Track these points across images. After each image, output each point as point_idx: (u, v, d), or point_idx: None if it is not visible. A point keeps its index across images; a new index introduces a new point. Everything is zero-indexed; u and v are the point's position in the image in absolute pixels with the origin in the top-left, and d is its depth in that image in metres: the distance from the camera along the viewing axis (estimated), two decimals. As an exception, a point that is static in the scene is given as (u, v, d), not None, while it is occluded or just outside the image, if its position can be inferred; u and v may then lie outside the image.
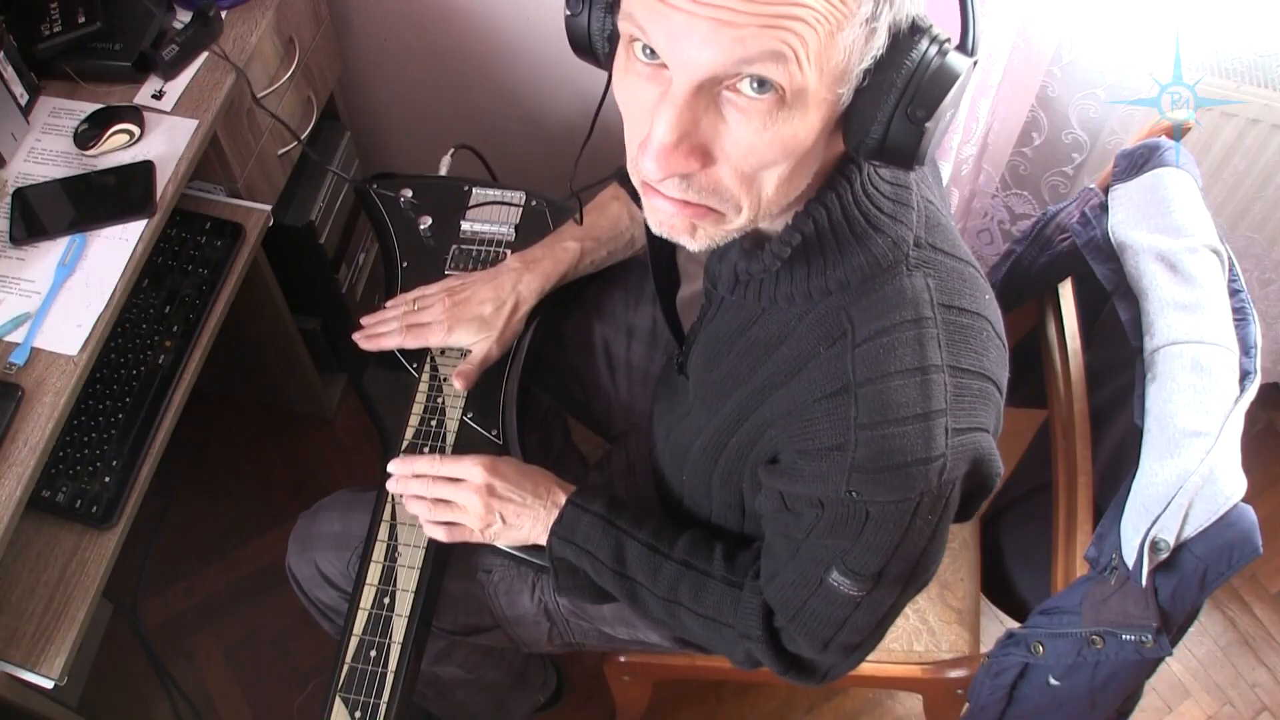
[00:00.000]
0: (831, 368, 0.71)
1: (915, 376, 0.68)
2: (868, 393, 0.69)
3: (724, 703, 1.59)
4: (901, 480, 0.69)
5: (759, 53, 0.55)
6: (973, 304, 0.73)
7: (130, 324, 1.23)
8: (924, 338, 0.69)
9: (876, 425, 0.68)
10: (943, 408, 0.69)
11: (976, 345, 0.72)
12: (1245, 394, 0.85)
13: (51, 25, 1.19)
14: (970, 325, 0.72)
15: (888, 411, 0.68)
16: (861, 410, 0.69)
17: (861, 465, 0.69)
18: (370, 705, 0.93)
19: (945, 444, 0.69)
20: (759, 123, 0.58)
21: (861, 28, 0.56)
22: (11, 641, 1.06)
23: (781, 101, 0.57)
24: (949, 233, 0.75)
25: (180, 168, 1.16)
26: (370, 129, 1.78)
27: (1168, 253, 0.94)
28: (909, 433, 0.68)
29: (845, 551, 0.75)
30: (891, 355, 0.69)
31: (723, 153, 0.60)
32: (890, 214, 0.71)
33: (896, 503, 0.70)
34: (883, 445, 0.68)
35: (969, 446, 0.70)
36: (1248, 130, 1.32)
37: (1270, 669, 1.63)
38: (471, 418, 1.07)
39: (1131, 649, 0.88)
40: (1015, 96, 1.37)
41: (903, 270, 0.71)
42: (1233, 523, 0.80)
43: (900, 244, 0.71)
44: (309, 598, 1.13)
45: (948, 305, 0.71)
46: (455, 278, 1.13)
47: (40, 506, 1.11)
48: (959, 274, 0.73)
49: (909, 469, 0.69)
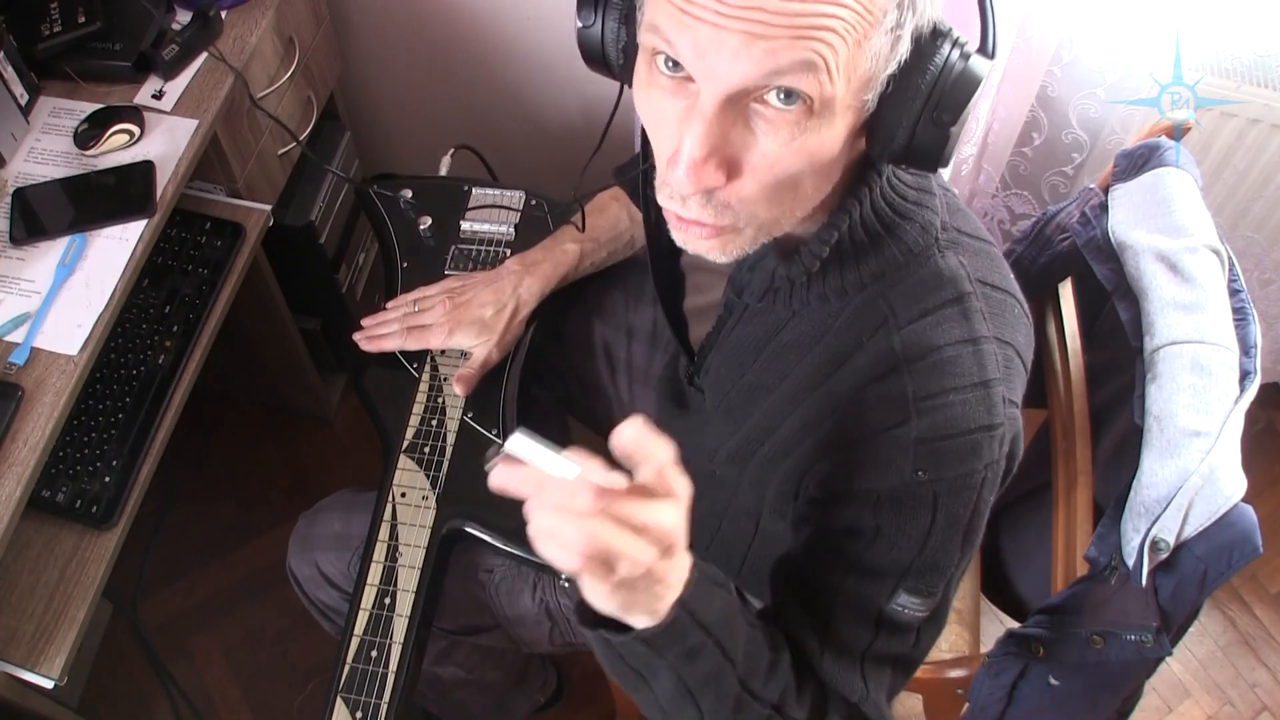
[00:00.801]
0: (878, 353, 0.70)
1: (968, 346, 0.68)
2: (921, 366, 0.68)
3: (724, 703, 1.59)
4: (969, 449, 0.67)
5: (790, 64, 0.54)
6: (1003, 282, 0.73)
7: (130, 324, 1.23)
8: (969, 311, 0.69)
9: (936, 395, 0.67)
10: (998, 376, 0.69)
11: (1011, 320, 0.72)
12: (1245, 394, 0.85)
13: (51, 25, 1.19)
14: (1004, 301, 0.72)
15: (946, 380, 0.68)
16: (918, 383, 0.68)
17: (925, 436, 0.67)
18: (371, 705, 0.93)
19: (1004, 413, 0.68)
20: (786, 134, 0.57)
21: (887, 35, 0.56)
22: (11, 641, 1.06)
23: (809, 112, 0.56)
24: (969, 217, 0.76)
25: (180, 168, 1.16)
26: (370, 129, 1.78)
27: (1168, 253, 0.94)
28: (970, 399, 0.67)
29: (914, 557, 0.71)
30: (939, 330, 0.69)
31: (749, 165, 0.59)
32: (915, 201, 0.71)
33: (964, 476, 0.68)
34: (946, 414, 0.67)
35: (1015, 421, 0.70)
36: (1248, 130, 1.32)
37: (1270, 669, 1.63)
38: (471, 417, 1.07)
39: (1131, 649, 0.88)
40: (1015, 96, 1.37)
41: (935, 252, 0.71)
42: (1233, 523, 0.80)
43: (929, 228, 0.71)
44: (310, 598, 1.14)
45: (983, 281, 0.71)
46: (455, 278, 1.13)
47: (40, 506, 1.11)
48: (986, 254, 0.74)
49: (974, 436, 0.67)
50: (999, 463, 0.70)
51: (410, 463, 1.04)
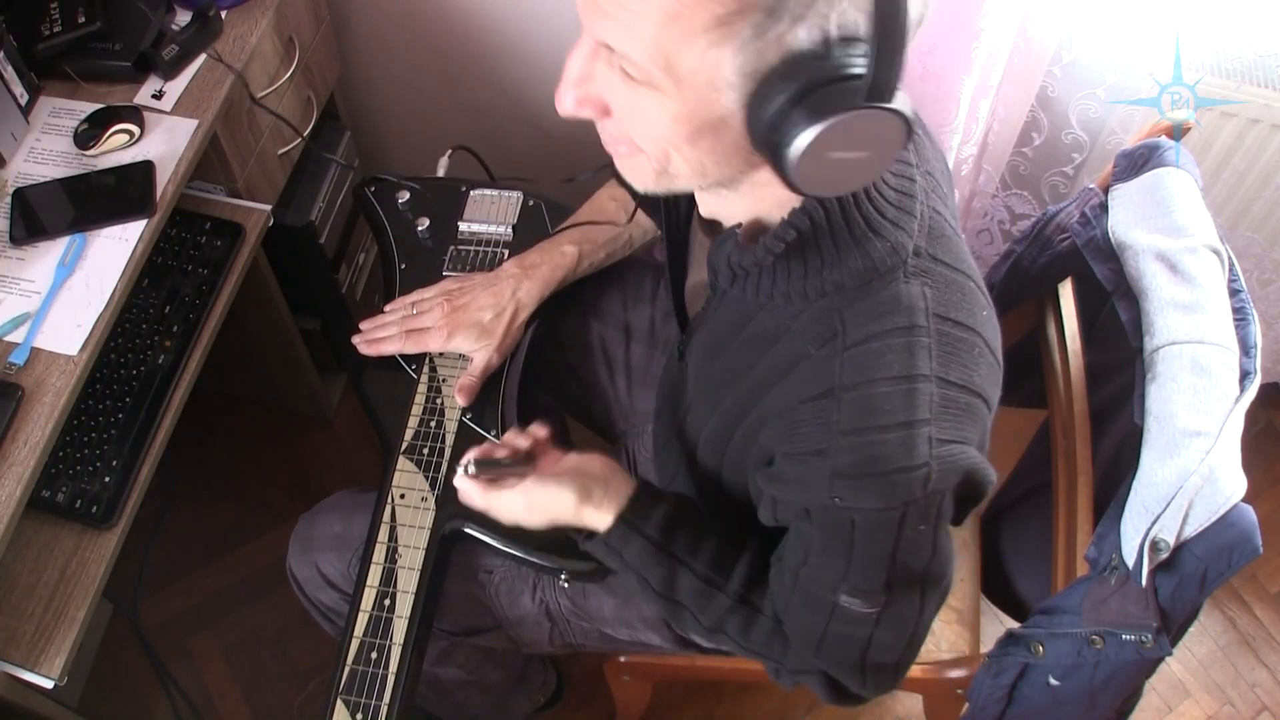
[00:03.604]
0: (820, 370, 0.71)
1: (901, 384, 0.68)
2: (852, 398, 0.69)
3: (724, 703, 1.59)
4: (884, 488, 0.69)
5: (602, 31, 0.61)
6: (968, 319, 0.72)
7: (130, 324, 1.23)
8: (915, 346, 0.69)
9: (859, 431, 0.68)
10: (926, 417, 0.68)
11: (968, 359, 0.71)
12: (1245, 394, 0.85)
13: (51, 25, 1.19)
14: (963, 339, 0.71)
15: (870, 418, 0.68)
16: (845, 415, 0.69)
17: (843, 471, 0.69)
18: (371, 707, 0.93)
19: (929, 453, 0.68)
20: (623, 92, 0.63)
21: (713, 34, 0.57)
22: (11, 641, 1.06)
23: (629, 78, 0.62)
24: (953, 245, 0.75)
25: (180, 168, 1.16)
26: (370, 129, 1.78)
27: (1168, 253, 0.94)
28: (890, 440, 0.68)
29: (844, 571, 0.75)
30: (879, 361, 0.69)
31: (613, 108, 0.66)
32: (893, 219, 0.70)
33: (880, 510, 0.70)
34: (865, 452, 0.68)
35: (956, 458, 0.70)
36: (1248, 130, 1.32)
37: (1270, 669, 1.63)
38: (470, 418, 1.07)
39: (1131, 649, 0.88)
40: (1015, 96, 1.37)
41: (900, 277, 0.70)
42: (1233, 523, 0.80)
43: (899, 250, 0.70)
44: (310, 599, 1.13)
45: (943, 316, 0.71)
46: (453, 280, 1.13)
47: (40, 506, 1.11)
48: (958, 287, 0.73)
49: (890, 477, 0.68)
50: (922, 501, 0.70)
51: (409, 464, 1.04)
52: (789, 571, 0.80)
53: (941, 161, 0.82)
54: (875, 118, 0.58)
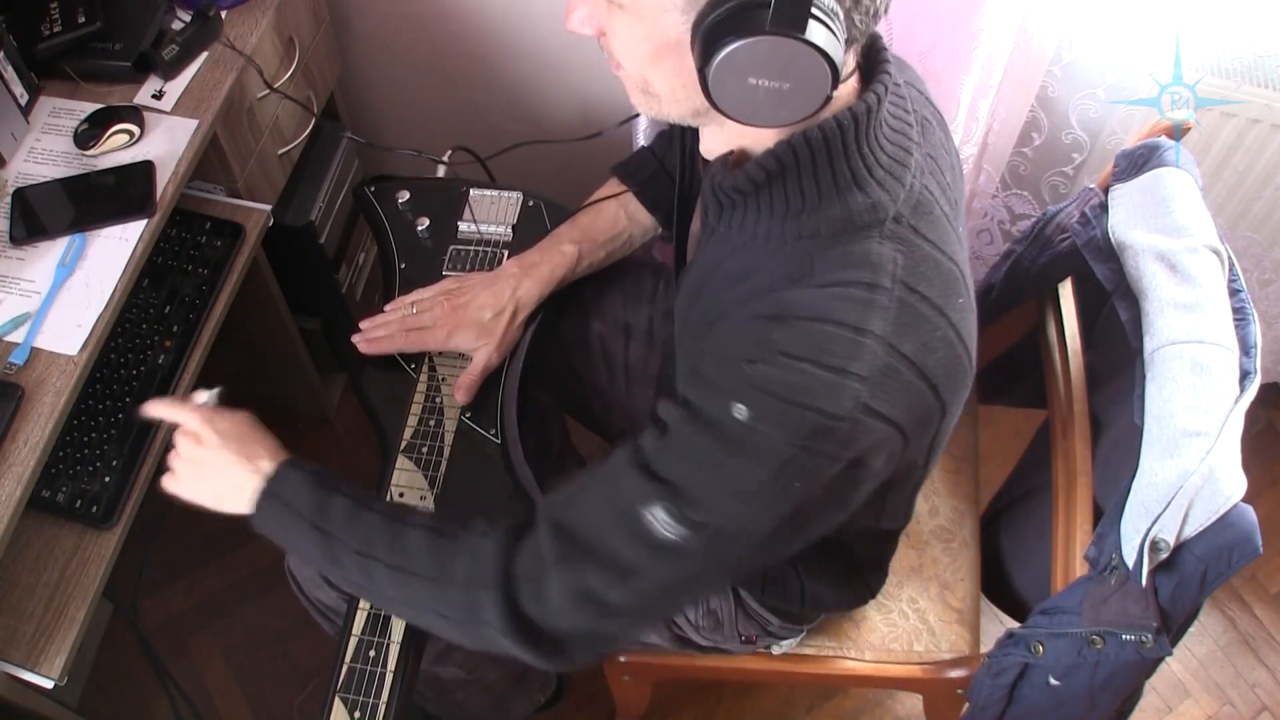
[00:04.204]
0: (779, 298, 0.71)
1: (849, 333, 0.68)
2: (799, 326, 0.68)
3: (724, 703, 1.59)
4: (794, 418, 0.66)
5: None
6: (939, 299, 0.71)
7: (130, 324, 1.23)
8: (872, 303, 0.68)
9: (795, 357, 0.67)
10: (863, 375, 0.67)
11: (927, 338, 0.70)
12: (1245, 394, 0.85)
13: (51, 25, 1.19)
14: (927, 316, 0.70)
15: (810, 350, 0.67)
16: (787, 338, 0.68)
17: (764, 385, 0.67)
18: (369, 705, 0.93)
19: (852, 412, 0.67)
20: (605, 10, 0.70)
21: None
22: (11, 641, 1.06)
23: (610, 1, 0.68)
24: (942, 228, 0.74)
25: (180, 168, 1.16)
26: (370, 129, 1.78)
27: (1168, 253, 0.94)
28: (821, 377, 0.67)
29: (686, 484, 0.70)
30: (835, 305, 0.68)
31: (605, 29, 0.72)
32: (879, 180, 0.71)
33: (774, 442, 0.67)
34: (793, 378, 0.67)
35: (873, 431, 0.68)
36: (1248, 130, 1.32)
37: (1270, 669, 1.63)
38: (470, 417, 1.07)
39: (1131, 649, 0.88)
40: (1015, 96, 1.37)
41: (875, 236, 0.71)
42: (1233, 523, 0.79)
43: (879, 208, 0.71)
44: (309, 598, 1.13)
45: (910, 286, 0.70)
46: (453, 279, 1.13)
47: (40, 506, 1.11)
48: (936, 265, 0.72)
49: (806, 411, 0.66)
50: (824, 456, 0.67)
51: (408, 463, 1.04)
52: (605, 471, 0.75)
53: (953, 158, 0.82)
54: (784, 46, 0.62)
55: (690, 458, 0.70)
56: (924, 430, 0.74)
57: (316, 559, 0.88)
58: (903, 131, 0.74)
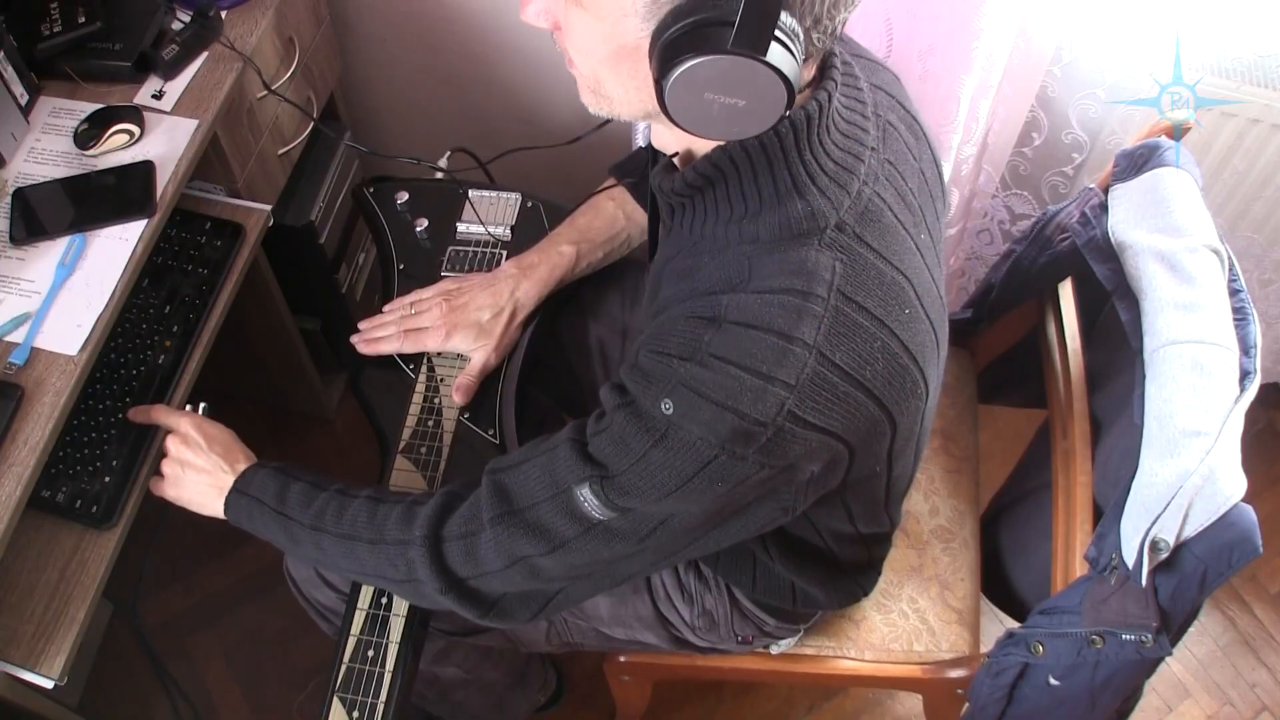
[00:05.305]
0: (715, 301, 0.71)
1: (778, 340, 0.68)
2: (732, 330, 0.69)
3: (724, 703, 1.59)
4: (715, 418, 0.67)
5: None
6: (880, 310, 0.71)
7: (130, 324, 1.23)
8: (804, 312, 0.68)
9: (723, 360, 0.68)
10: (790, 383, 0.67)
11: (863, 350, 0.70)
12: (1245, 394, 0.85)
13: (51, 25, 1.19)
14: (864, 328, 0.70)
15: (737, 355, 0.68)
16: (717, 341, 0.69)
17: (691, 383, 0.68)
18: (368, 705, 0.93)
19: (775, 419, 0.67)
20: (563, 7, 0.69)
21: None
22: (11, 641, 1.06)
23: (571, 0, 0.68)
24: (892, 236, 0.73)
25: (180, 168, 1.16)
26: (370, 129, 1.78)
27: (1167, 253, 0.94)
28: (745, 381, 0.67)
29: (614, 470, 0.72)
30: (766, 312, 0.68)
31: (562, 25, 0.71)
32: (821, 187, 0.70)
33: (696, 441, 0.68)
34: (718, 379, 0.67)
35: (800, 439, 0.68)
36: (1248, 130, 1.32)
37: (1270, 669, 1.63)
38: (468, 418, 1.07)
39: (1131, 649, 0.88)
40: (1015, 96, 1.37)
41: (813, 244, 0.70)
42: (1233, 522, 0.79)
43: (819, 216, 0.70)
44: (307, 598, 1.14)
45: (847, 296, 0.70)
46: (451, 280, 1.13)
47: (40, 506, 1.11)
48: (880, 277, 0.71)
49: (727, 413, 0.67)
50: (746, 461, 0.68)
51: (407, 463, 1.04)
52: (550, 444, 0.77)
53: (923, 164, 0.81)
54: (744, 66, 0.62)
55: (620, 445, 0.72)
56: (872, 440, 0.74)
57: (280, 541, 0.94)
58: (856, 137, 0.73)
